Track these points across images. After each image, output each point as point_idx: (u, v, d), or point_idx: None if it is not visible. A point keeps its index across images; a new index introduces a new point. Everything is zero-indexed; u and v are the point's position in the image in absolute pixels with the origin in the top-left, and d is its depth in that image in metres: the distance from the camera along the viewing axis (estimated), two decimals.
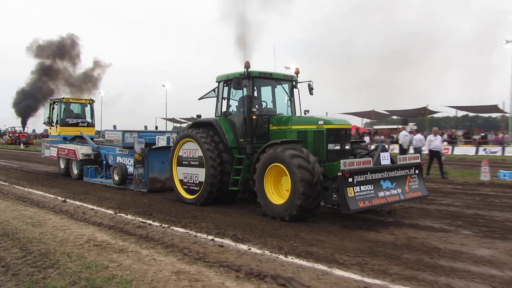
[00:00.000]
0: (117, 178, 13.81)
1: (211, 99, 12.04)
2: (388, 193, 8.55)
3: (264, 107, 10.89)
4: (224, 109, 10.82)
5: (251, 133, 9.98)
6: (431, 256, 6.32)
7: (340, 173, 7.76)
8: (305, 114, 11.03)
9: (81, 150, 15.96)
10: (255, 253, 6.42)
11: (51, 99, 19.66)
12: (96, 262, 5.81)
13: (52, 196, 12.06)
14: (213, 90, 11.54)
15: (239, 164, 10.08)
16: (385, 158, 8.82)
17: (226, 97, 10.87)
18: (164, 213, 9.56)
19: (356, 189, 7.96)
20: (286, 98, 11.16)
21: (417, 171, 9.36)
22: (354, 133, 36.93)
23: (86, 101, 19.54)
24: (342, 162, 7.94)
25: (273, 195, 8.98)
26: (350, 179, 7.84)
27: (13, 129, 61.01)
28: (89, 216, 9.20)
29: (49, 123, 19.05)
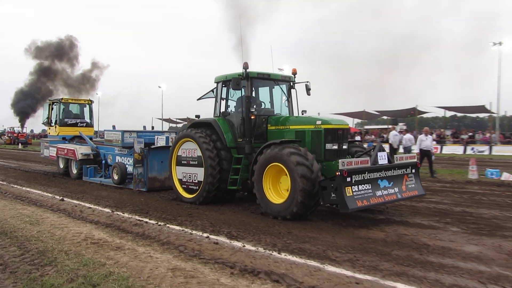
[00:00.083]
0: (116, 178, 13.69)
1: (208, 100, 12.03)
2: (386, 192, 8.48)
3: (262, 107, 10.82)
4: (222, 109, 10.75)
5: (250, 133, 9.92)
6: (421, 253, 6.34)
7: (339, 173, 7.68)
8: (302, 114, 10.96)
9: (80, 150, 15.84)
10: (249, 250, 6.42)
11: (50, 100, 19.50)
12: (93, 259, 5.78)
13: (50, 195, 11.99)
14: (212, 91, 11.44)
15: (238, 163, 10.02)
16: (382, 157, 8.75)
17: (224, 98, 10.80)
18: (160, 211, 9.53)
19: (354, 188, 7.88)
20: (283, 99, 11.10)
21: (413, 171, 9.30)
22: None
23: (85, 101, 19.42)
24: (340, 161, 7.87)
25: (273, 195, 8.89)
26: (349, 179, 7.76)
27: (12, 129, 60.56)
28: (87, 215, 9.15)
29: (48, 123, 18.91)
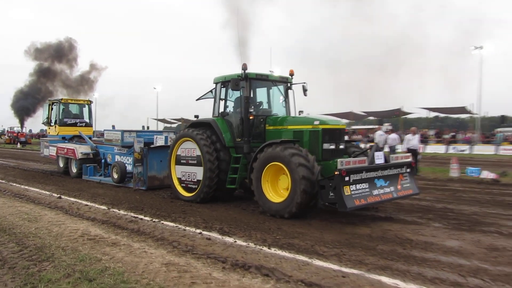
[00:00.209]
0: (116, 176, 13.51)
1: (202, 101, 11.97)
2: (382, 191, 8.38)
3: (260, 107, 10.72)
4: (221, 109, 10.65)
5: (248, 133, 9.82)
6: (404, 247, 6.39)
7: (338, 172, 7.55)
8: (299, 114, 10.89)
9: (80, 149, 15.66)
10: (240, 245, 6.42)
11: (50, 100, 19.30)
12: (90, 255, 5.76)
13: (47, 193, 11.89)
14: (211, 91, 11.32)
15: (236, 163, 9.91)
16: (379, 157, 8.69)
17: (223, 98, 10.70)
18: (155, 209, 9.50)
19: (352, 187, 7.77)
20: (281, 99, 11.02)
21: (408, 170, 9.22)
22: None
23: (84, 102, 19.26)
24: (339, 161, 7.75)
25: (271, 193, 8.78)
26: (347, 178, 7.64)
27: (12, 129, 59.95)
28: (83, 212, 9.09)
29: (48, 123, 18.71)
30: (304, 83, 10.84)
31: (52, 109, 18.50)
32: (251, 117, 9.88)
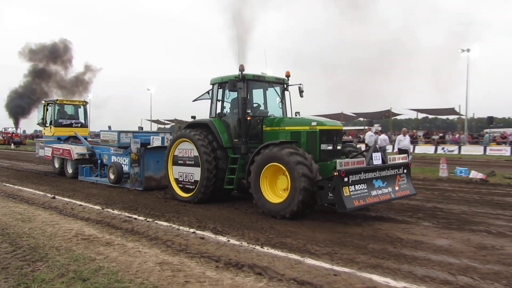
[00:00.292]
0: (113, 177, 13.37)
1: (195, 102, 11.93)
2: (380, 192, 8.32)
3: (256, 108, 10.63)
4: (218, 110, 10.57)
5: (246, 134, 9.73)
6: (395, 246, 6.42)
7: (337, 173, 7.47)
8: (295, 115, 10.81)
9: (76, 150, 15.51)
10: (233, 245, 6.41)
11: (45, 101, 19.13)
12: (84, 255, 5.71)
13: (41, 193, 11.78)
14: (207, 92, 11.20)
15: (234, 163, 9.82)
16: (377, 158, 8.66)
17: (220, 99, 10.60)
18: (149, 208, 9.45)
19: (351, 188, 7.70)
20: (277, 100, 10.95)
21: (405, 171, 9.19)
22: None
23: (80, 102, 19.15)
24: (338, 162, 7.67)
25: (270, 194, 8.65)
26: (346, 179, 7.58)
27: (6, 130, 59.34)
28: (77, 212, 9.02)
29: (43, 124, 18.54)
30: (300, 84, 10.78)
31: (47, 109, 18.34)
32: (248, 118, 9.78)
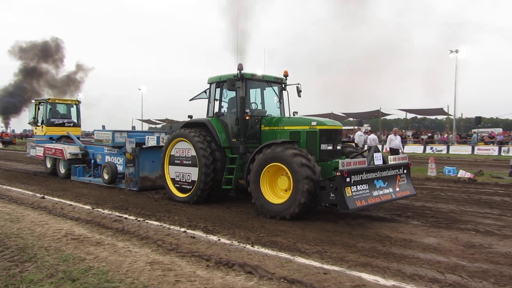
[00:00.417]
0: (107, 177, 13.13)
1: (187, 102, 11.85)
2: (381, 192, 8.24)
3: (257, 108, 10.55)
4: (216, 109, 10.43)
5: (244, 133, 9.61)
6: (384, 244, 6.44)
7: (339, 173, 7.37)
8: (293, 115, 10.74)
9: (69, 150, 15.24)
10: (224, 244, 6.40)
11: (36, 100, 18.74)
12: (74, 255, 5.65)
13: (30, 193, 11.63)
14: (204, 92, 11.08)
15: (232, 163, 9.69)
16: (378, 158, 8.60)
17: (218, 98, 10.46)
18: (140, 208, 9.39)
19: (353, 188, 7.62)
20: (275, 100, 10.85)
21: (405, 171, 9.15)
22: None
23: (72, 101, 18.81)
24: (340, 162, 7.59)
25: (270, 195, 8.50)
26: (348, 179, 7.48)
27: None
28: (67, 212, 8.92)
29: (35, 123, 18.24)
30: (298, 84, 10.68)
31: (39, 109, 18.06)
32: (247, 118, 9.66)
